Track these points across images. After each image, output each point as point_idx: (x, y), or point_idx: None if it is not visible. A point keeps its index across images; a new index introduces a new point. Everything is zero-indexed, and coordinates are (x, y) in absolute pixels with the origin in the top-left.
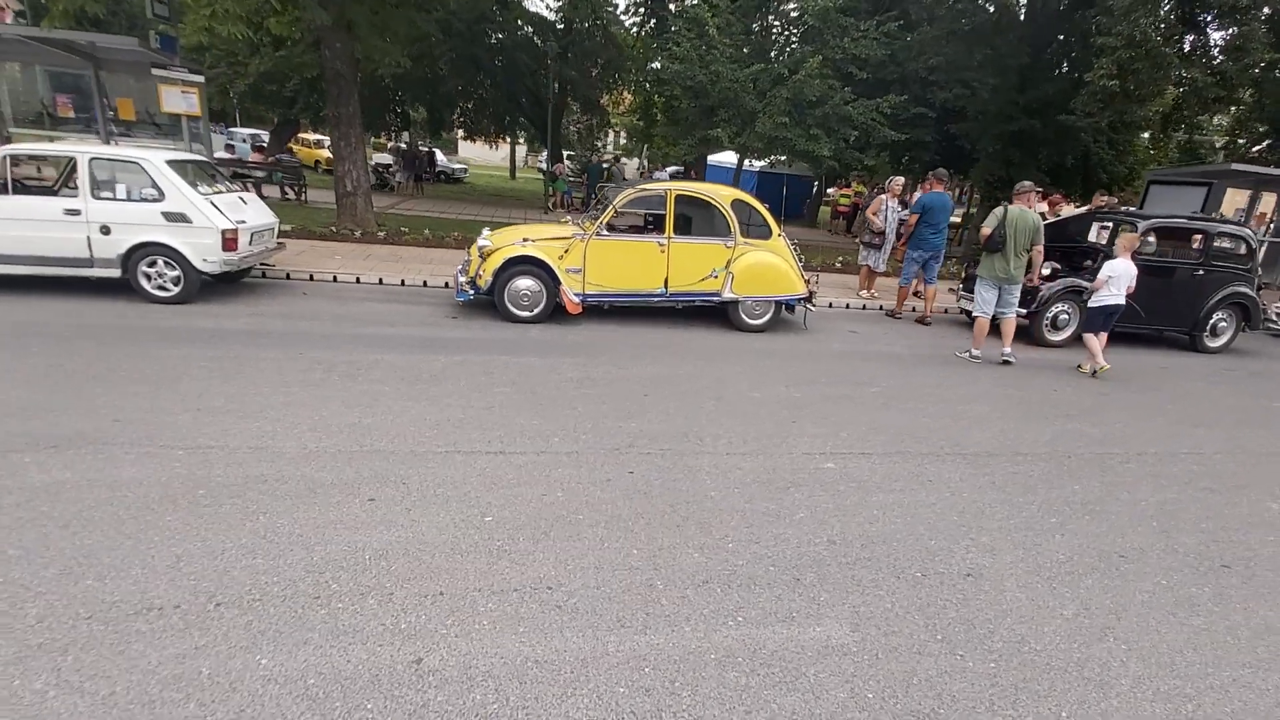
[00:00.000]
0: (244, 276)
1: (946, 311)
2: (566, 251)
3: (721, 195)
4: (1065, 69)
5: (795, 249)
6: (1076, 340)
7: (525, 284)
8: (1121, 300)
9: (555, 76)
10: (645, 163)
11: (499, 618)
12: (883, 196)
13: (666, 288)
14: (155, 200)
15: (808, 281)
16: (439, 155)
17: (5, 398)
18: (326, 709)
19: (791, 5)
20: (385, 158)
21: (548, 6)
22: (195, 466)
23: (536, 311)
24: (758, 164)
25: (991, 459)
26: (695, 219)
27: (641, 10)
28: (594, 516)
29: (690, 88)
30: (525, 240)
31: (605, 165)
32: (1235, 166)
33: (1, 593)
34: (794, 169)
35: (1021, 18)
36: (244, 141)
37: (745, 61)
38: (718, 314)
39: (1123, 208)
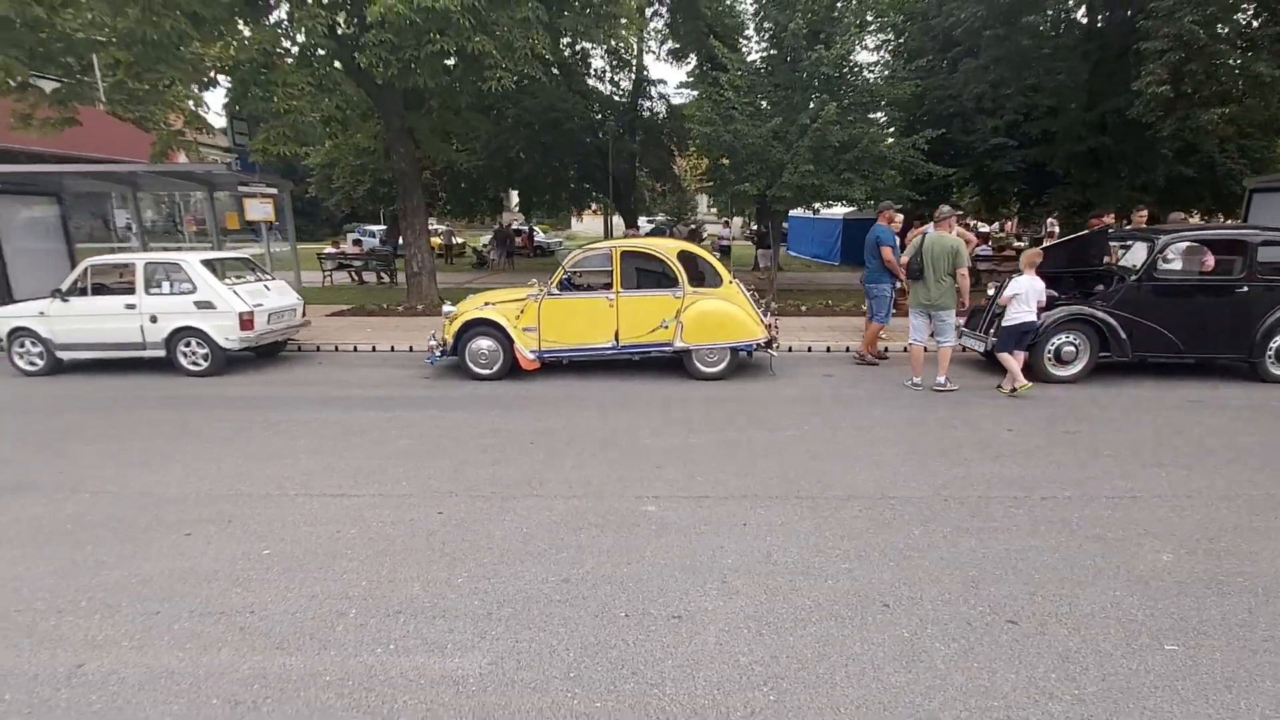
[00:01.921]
0: (281, 350)
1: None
2: (522, 312)
3: (667, 248)
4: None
5: (753, 295)
6: (1091, 374)
7: (483, 344)
8: (1033, 317)
9: (616, 151)
10: (735, 219)
11: (182, 635)
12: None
13: (618, 340)
14: (189, 292)
15: (768, 327)
16: (538, 232)
17: None
18: None
19: (808, 56)
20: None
21: (614, 86)
22: (86, 507)
23: (495, 369)
24: (840, 210)
25: (848, 502)
26: (644, 273)
27: (701, 81)
28: (362, 552)
29: (720, 147)
30: (486, 304)
31: (666, 227)
32: None
33: None
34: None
35: (1077, 29)
36: (372, 236)
37: (766, 116)
38: (677, 364)
39: (1127, 225)
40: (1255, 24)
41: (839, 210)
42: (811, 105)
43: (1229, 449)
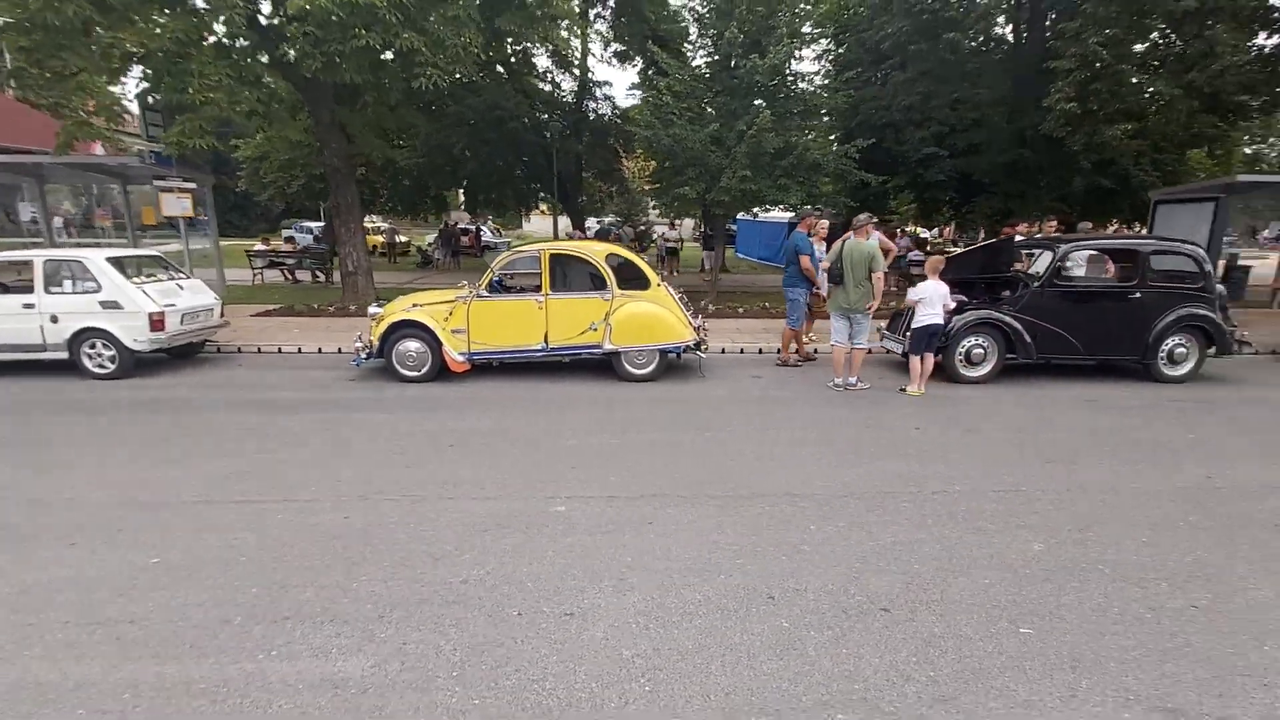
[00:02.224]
0: (198, 351)
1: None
2: (451, 314)
3: (595, 251)
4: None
5: (681, 298)
6: (1000, 375)
7: (411, 346)
8: (939, 320)
9: (560, 152)
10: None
11: (55, 646)
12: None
13: (547, 343)
14: (94, 291)
15: (697, 329)
16: (486, 231)
17: None
18: None
19: (744, 64)
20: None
21: (556, 87)
22: None
23: (424, 371)
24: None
25: (754, 500)
26: (573, 275)
27: (646, 85)
28: (258, 559)
29: (660, 150)
30: (415, 305)
31: (613, 228)
32: (1241, 178)
33: None
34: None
35: (1002, 46)
36: (309, 233)
37: (705, 121)
38: (608, 366)
39: (1038, 234)
40: (1157, 46)
41: (786, 213)
42: (749, 114)
43: (1116, 445)
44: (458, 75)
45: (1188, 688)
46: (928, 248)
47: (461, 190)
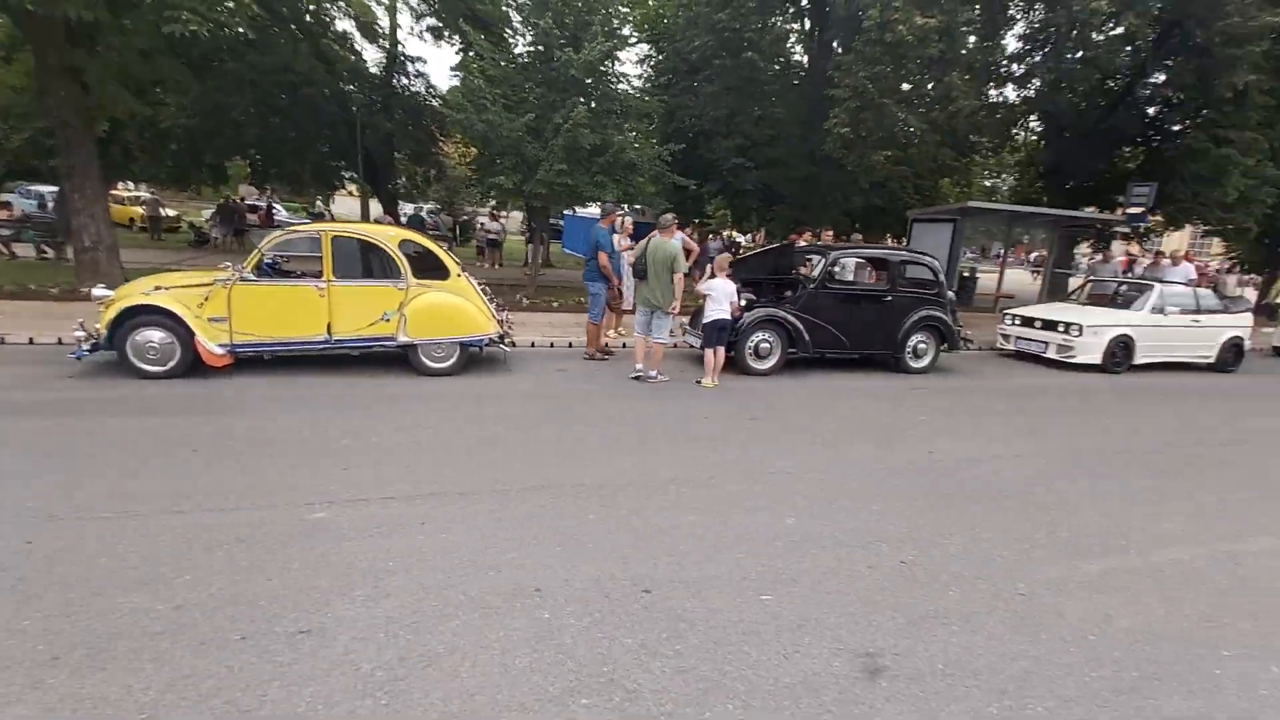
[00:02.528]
0: None
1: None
2: (207, 299)
3: (387, 236)
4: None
5: (484, 289)
6: (786, 367)
7: (153, 336)
8: (726, 315)
9: (368, 128)
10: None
11: None
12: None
13: (330, 334)
14: None
15: (501, 322)
16: (277, 209)
17: None
18: None
19: (560, 57)
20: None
21: (357, 56)
22: None
23: (171, 365)
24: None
25: (538, 492)
26: (361, 261)
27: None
28: None
29: (474, 137)
30: (157, 288)
31: (429, 217)
32: (972, 204)
33: None
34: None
35: (801, 70)
36: (34, 198)
37: (521, 110)
38: (404, 360)
39: (818, 241)
40: (913, 86)
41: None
42: (566, 106)
43: (867, 428)
44: (228, 29)
45: (887, 633)
46: (740, 251)
47: (248, 161)
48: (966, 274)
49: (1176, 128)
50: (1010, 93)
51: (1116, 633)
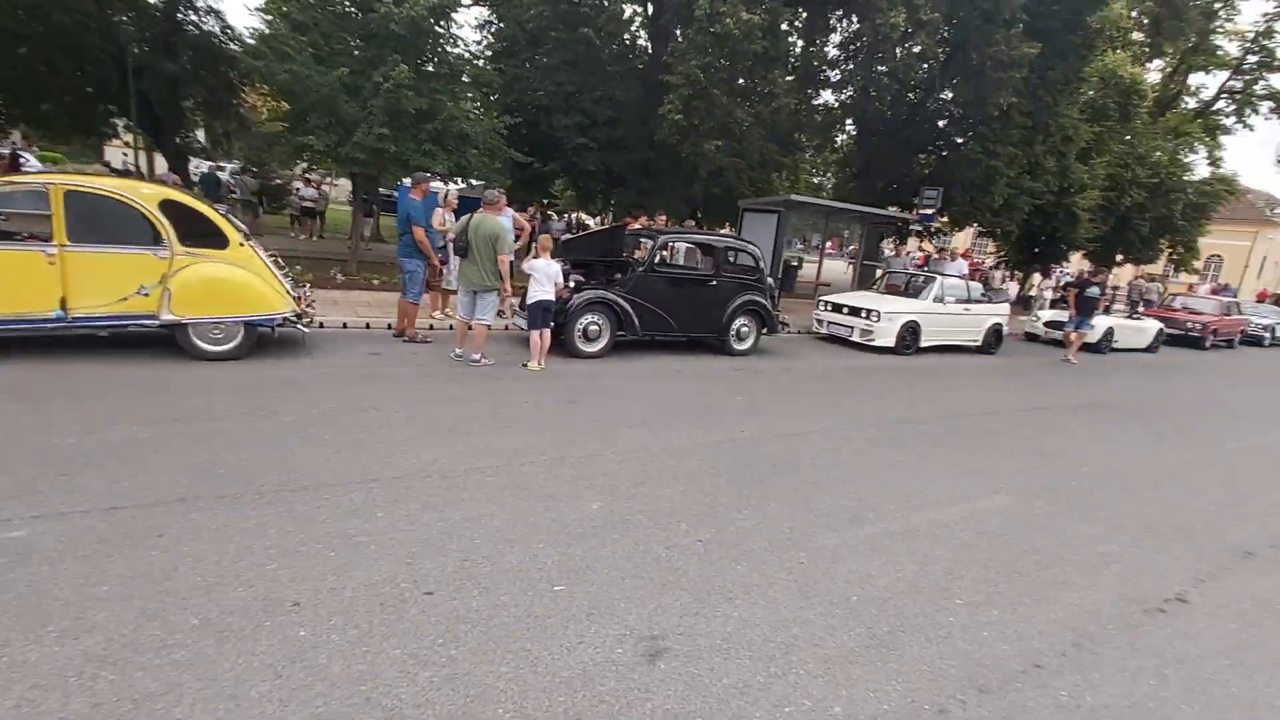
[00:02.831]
0: None
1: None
2: None
3: (143, 194)
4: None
5: (274, 261)
6: (615, 350)
7: None
8: (550, 296)
9: (148, 70)
10: (331, 181)
11: None
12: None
13: (66, 310)
14: None
15: (299, 299)
16: (28, 157)
17: None
18: None
19: (381, 9)
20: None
21: None
22: None
23: None
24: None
25: (317, 491)
26: (106, 223)
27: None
28: None
29: (279, 88)
30: None
31: (233, 177)
32: (794, 197)
33: None
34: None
35: (644, 55)
36: None
37: (333, 63)
38: (172, 342)
39: (653, 225)
40: (741, 79)
41: (452, 185)
42: (388, 64)
43: (687, 408)
44: None
45: (674, 613)
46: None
47: None
48: (795, 263)
49: (960, 140)
50: (829, 97)
51: (875, 591)
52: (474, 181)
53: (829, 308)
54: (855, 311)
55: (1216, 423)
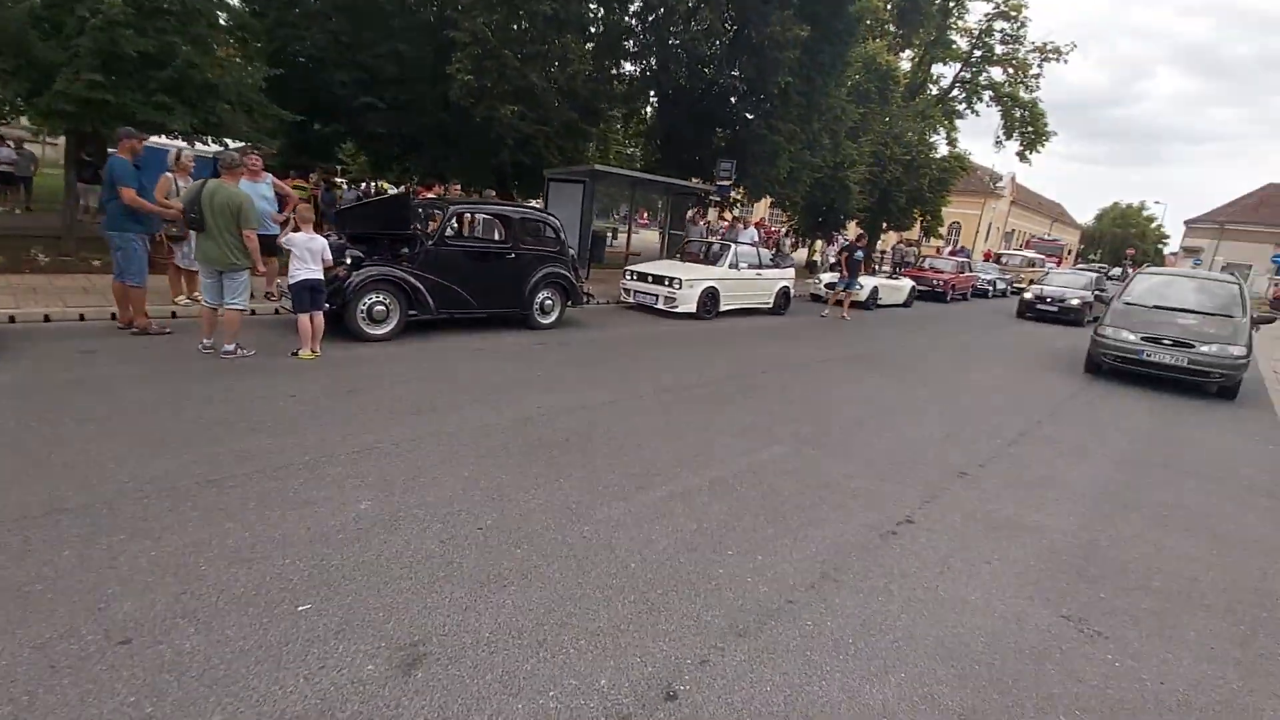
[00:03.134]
0: None
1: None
2: None
3: None
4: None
5: None
6: (409, 331)
7: None
8: (315, 275)
9: None
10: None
11: None
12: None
13: None
14: None
15: None
16: None
17: None
18: None
19: None
20: None
21: None
22: None
23: None
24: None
25: None
26: None
27: None
28: None
29: None
30: None
31: None
32: (598, 167)
33: None
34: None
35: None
36: None
37: None
38: None
39: (445, 194)
40: (532, 39)
41: (211, 147)
42: None
43: (482, 389)
44: None
45: (441, 613)
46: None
47: None
48: (608, 234)
49: (750, 116)
50: (631, 68)
51: (654, 555)
52: (232, 143)
53: (634, 277)
54: (659, 280)
55: (950, 364)
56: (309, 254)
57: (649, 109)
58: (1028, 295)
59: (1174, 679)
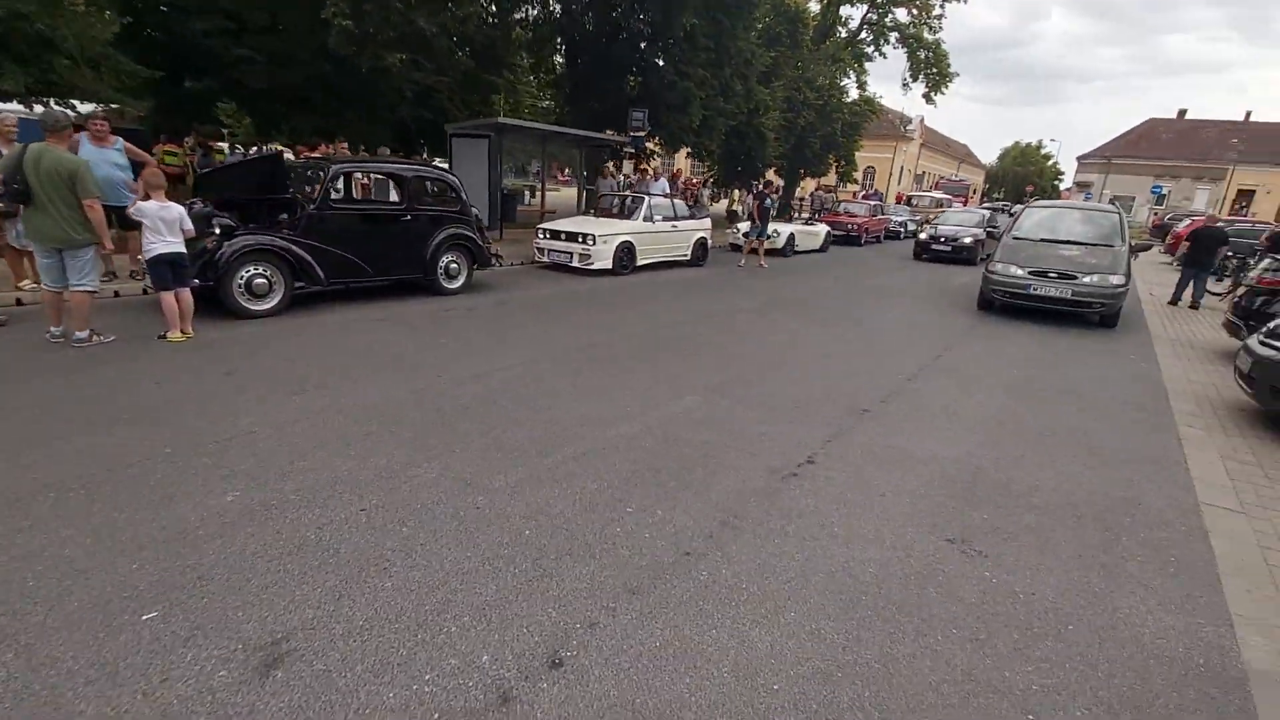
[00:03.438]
0: None
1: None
2: None
3: None
4: None
5: None
6: (297, 304)
7: None
8: (174, 248)
9: None
10: None
11: None
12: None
13: None
14: None
15: None
16: None
17: None
18: None
19: None
20: None
21: None
22: None
23: None
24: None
25: None
26: None
27: None
28: None
29: None
30: None
31: None
32: (504, 120)
33: None
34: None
35: None
36: None
37: None
38: None
39: (332, 153)
40: None
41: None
42: None
43: (382, 360)
44: None
45: (311, 606)
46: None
47: None
48: (526, 192)
49: (660, 62)
50: (533, 11)
51: (550, 520)
52: (82, 106)
53: (547, 235)
54: (572, 237)
55: (859, 306)
56: (163, 224)
57: (558, 57)
58: (922, 236)
59: (1044, 588)
